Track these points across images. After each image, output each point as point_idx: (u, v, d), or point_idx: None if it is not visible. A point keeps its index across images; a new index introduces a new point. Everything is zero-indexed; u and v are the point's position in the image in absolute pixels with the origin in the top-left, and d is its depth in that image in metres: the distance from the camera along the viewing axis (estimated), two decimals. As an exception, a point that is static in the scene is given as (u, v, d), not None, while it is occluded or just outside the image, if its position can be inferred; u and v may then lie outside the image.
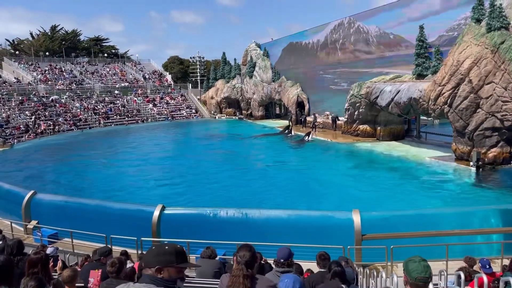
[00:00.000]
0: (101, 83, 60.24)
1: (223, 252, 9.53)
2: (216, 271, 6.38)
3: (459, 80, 20.72)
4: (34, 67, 60.03)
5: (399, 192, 17.14)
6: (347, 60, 35.23)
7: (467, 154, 21.10)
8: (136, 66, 71.38)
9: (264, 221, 11.19)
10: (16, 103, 45.93)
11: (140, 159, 27.98)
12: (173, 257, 2.42)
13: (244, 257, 3.17)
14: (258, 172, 22.95)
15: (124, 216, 12.37)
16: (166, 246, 2.48)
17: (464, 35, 21.33)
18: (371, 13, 32.19)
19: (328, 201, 16.21)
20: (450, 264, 8.68)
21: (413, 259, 2.64)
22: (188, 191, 18.94)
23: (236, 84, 55.82)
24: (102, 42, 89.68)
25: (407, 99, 24.38)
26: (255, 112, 51.73)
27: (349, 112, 31.16)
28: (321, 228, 10.72)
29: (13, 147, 34.92)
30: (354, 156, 25.96)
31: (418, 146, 26.74)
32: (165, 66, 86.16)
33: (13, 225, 13.16)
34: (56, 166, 26.56)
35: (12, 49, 77.47)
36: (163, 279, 2.37)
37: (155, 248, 2.50)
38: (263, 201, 16.50)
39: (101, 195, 17.70)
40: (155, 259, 2.40)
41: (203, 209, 12.07)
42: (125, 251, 8.03)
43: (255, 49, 53.37)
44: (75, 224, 11.82)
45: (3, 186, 15.84)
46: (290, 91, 43.56)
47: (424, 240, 9.76)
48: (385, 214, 11.82)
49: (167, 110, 57.04)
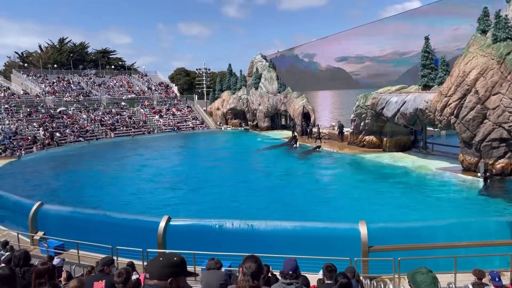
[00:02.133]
0: (108, 95, 60.74)
1: (229, 264, 9.48)
2: (222, 283, 6.33)
3: (465, 91, 20.66)
4: (42, 79, 60.73)
5: (406, 203, 17.01)
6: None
7: (474, 165, 20.94)
8: (142, 78, 71.98)
9: (270, 232, 11.13)
10: (24, 115, 46.40)
11: (145, 169, 28.09)
12: (180, 267, 2.43)
13: (250, 268, 3.15)
14: (264, 183, 22.90)
15: (130, 227, 12.36)
16: (175, 257, 2.46)
17: (469, 46, 21.33)
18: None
19: (335, 212, 16.11)
20: (458, 276, 8.57)
21: (420, 270, 2.60)
22: (193, 202, 18.94)
23: (241, 95, 56.06)
24: (109, 54, 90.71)
25: (413, 110, 24.33)
26: (261, 123, 51.82)
27: (355, 123, 31.13)
28: (328, 240, 10.64)
29: (20, 158, 35.17)
30: (360, 167, 25.85)
31: (424, 157, 26.58)
32: (172, 78, 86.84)
33: (20, 236, 13.20)
34: (63, 177, 26.69)
35: (21, 61, 78.53)
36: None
37: (162, 260, 2.45)
38: (268, 212, 16.43)
39: (107, 206, 17.72)
40: (166, 271, 2.39)
41: (208, 220, 12.05)
42: (132, 263, 8.01)
43: (260, 60, 53.71)
44: (81, 235, 11.83)
45: (11, 197, 15.92)
46: (296, 102, 43.65)
47: (432, 252, 9.65)
48: (392, 225, 11.71)
49: (173, 122, 57.32)
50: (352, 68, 36.90)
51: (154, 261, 2.47)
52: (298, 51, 46.05)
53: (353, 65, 36.71)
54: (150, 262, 2.49)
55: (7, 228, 15.07)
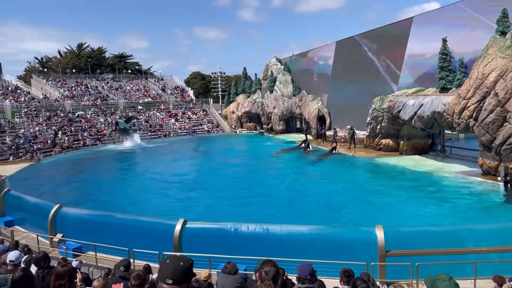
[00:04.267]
0: (124, 98, 61.54)
1: (244, 267, 9.48)
2: (237, 286, 6.35)
3: (484, 93, 20.30)
4: (61, 84, 61.91)
5: (423, 207, 16.75)
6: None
7: (494, 168, 20.53)
8: (158, 82, 72.74)
9: (286, 236, 11.09)
10: (43, 119, 47.34)
11: (162, 172, 28.33)
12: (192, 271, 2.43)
13: (270, 272, 3.16)
14: (280, 187, 22.86)
15: (147, 229, 12.48)
16: (190, 261, 2.45)
17: (488, 48, 20.97)
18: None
19: (351, 216, 15.99)
20: (478, 283, 8.40)
21: (442, 277, 2.52)
22: (208, 205, 19.01)
23: (256, 99, 56.16)
24: (126, 58, 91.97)
25: (431, 113, 24.01)
26: (276, 126, 51.79)
27: (371, 126, 30.87)
28: (344, 244, 10.54)
29: (40, 161, 35.89)
30: (377, 171, 25.60)
31: (443, 161, 26.19)
32: (187, 82, 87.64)
33: (39, 238, 13.44)
34: (81, 179, 27.13)
35: (41, 66, 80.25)
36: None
37: (183, 264, 2.37)
38: (284, 215, 16.39)
39: (124, 208, 17.92)
40: (187, 275, 2.36)
41: (224, 223, 12.06)
42: (148, 265, 8.08)
43: (275, 64, 53.76)
44: (98, 237, 11.99)
45: (30, 200, 16.24)
46: (311, 105, 43.52)
47: (451, 257, 9.48)
48: (410, 229, 11.54)
49: (189, 125, 57.74)
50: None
51: (166, 265, 2.36)
52: (313, 54, 45.94)
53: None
54: (169, 266, 2.36)
55: (27, 230, 15.37)
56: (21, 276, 3.87)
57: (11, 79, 59.22)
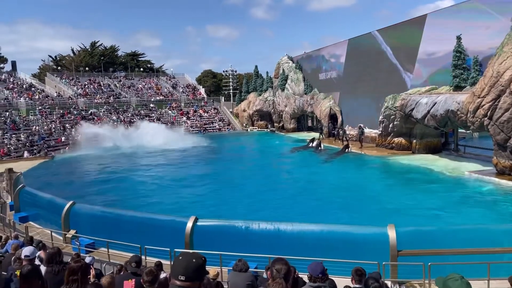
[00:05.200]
0: (137, 97, 62.03)
1: (255, 265, 9.48)
2: (248, 283, 6.36)
3: (499, 92, 19.99)
4: (74, 82, 62.65)
5: (437, 207, 16.57)
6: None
7: (509, 168, 20.22)
8: (170, 80, 73.13)
9: (297, 234, 11.07)
10: (57, 117, 47.95)
11: (174, 170, 28.49)
12: (205, 268, 2.45)
13: (281, 270, 3.16)
14: (291, 185, 22.84)
15: (158, 227, 12.57)
16: (203, 258, 2.47)
17: (504, 46, 20.62)
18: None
19: (363, 215, 15.87)
20: (492, 283, 8.29)
21: (453, 277, 2.50)
22: (220, 203, 19.06)
23: (268, 97, 56.12)
24: (138, 57, 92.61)
25: (444, 112, 23.72)
26: (287, 125, 51.70)
27: (384, 124, 30.62)
28: (355, 243, 10.48)
29: (54, 158, 36.36)
30: (389, 170, 25.39)
31: (456, 160, 25.86)
32: (199, 80, 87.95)
33: (53, 234, 13.64)
34: (94, 176, 27.41)
35: (55, 65, 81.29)
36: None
37: (195, 261, 2.41)
38: (295, 214, 16.35)
39: (136, 205, 18.06)
40: (201, 272, 2.39)
41: (235, 221, 12.08)
42: (160, 262, 8.14)
43: (287, 62, 53.60)
44: (111, 234, 12.11)
45: (45, 196, 16.48)
46: (323, 103, 43.33)
47: (464, 257, 9.37)
48: (422, 229, 11.43)
49: (200, 123, 57.96)
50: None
51: (180, 263, 2.39)
52: (325, 52, 45.70)
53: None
54: (181, 262, 2.39)
55: (42, 226, 15.62)
56: (29, 270, 3.94)
57: (25, 77, 60.11)
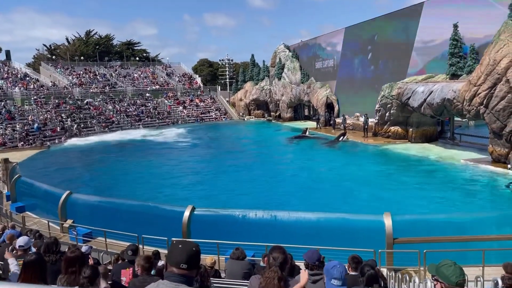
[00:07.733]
0: (132, 86, 61.64)
1: (252, 253, 9.55)
2: (245, 271, 6.41)
3: (495, 80, 20.00)
4: (69, 71, 62.10)
5: (432, 195, 16.68)
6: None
7: (504, 156, 20.33)
8: (166, 69, 72.66)
9: (293, 222, 11.15)
10: (53, 106, 47.64)
11: (170, 159, 28.48)
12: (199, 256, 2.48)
13: (277, 259, 3.18)
14: (288, 173, 22.89)
15: (155, 216, 12.61)
16: (195, 246, 2.47)
17: (500, 34, 20.58)
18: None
19: (359, 204, 15.97)
20: (486, 270, 8.39)
21: (446, 263, 2.54)
22: (217, 192, 19.10)
23: (264, 86, 55.92)
24: (134, 46, 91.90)
25: (441, 100, 23.74)
26: (284, 114, 51.63)
27: (380, 113, 30.63)
28: (351, 231, 10.57)
29: (50, 148, 36.23)
30: (386, 158, 25.47)
31: (452, 148, 25.98)
32: (195, 69, 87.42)
33: (50, 224, 13.66)
34: (91, 166, 27.36)
35: (49, 54, 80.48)
36: (190, 277, 2.39)
37: (195, 250, 2.45)
38: (291, 202, 16.43)
39: (133, 195, 18.07)
40: (198, 261, 2.44)
41: (232, 210, 12.14)
42: (157, 251, 8.18)
43: (283, 50, 53.31)
44: (108, 224, 12.14)
45: (41, 186, 16.46)
46: (319, 92, 43.26)
47: (459, 245, 9.47)
48: (418, 217, 11.54)
49: (197, 112, 57.79)
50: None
51: (178, 250, 2.41)
52: (321, 41, 45.49)
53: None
54: (182, 251, 2.41)
55: (38, 216, 15.62)
56: (34, 259, 3.94)
57: (20, 67, 59.51)
